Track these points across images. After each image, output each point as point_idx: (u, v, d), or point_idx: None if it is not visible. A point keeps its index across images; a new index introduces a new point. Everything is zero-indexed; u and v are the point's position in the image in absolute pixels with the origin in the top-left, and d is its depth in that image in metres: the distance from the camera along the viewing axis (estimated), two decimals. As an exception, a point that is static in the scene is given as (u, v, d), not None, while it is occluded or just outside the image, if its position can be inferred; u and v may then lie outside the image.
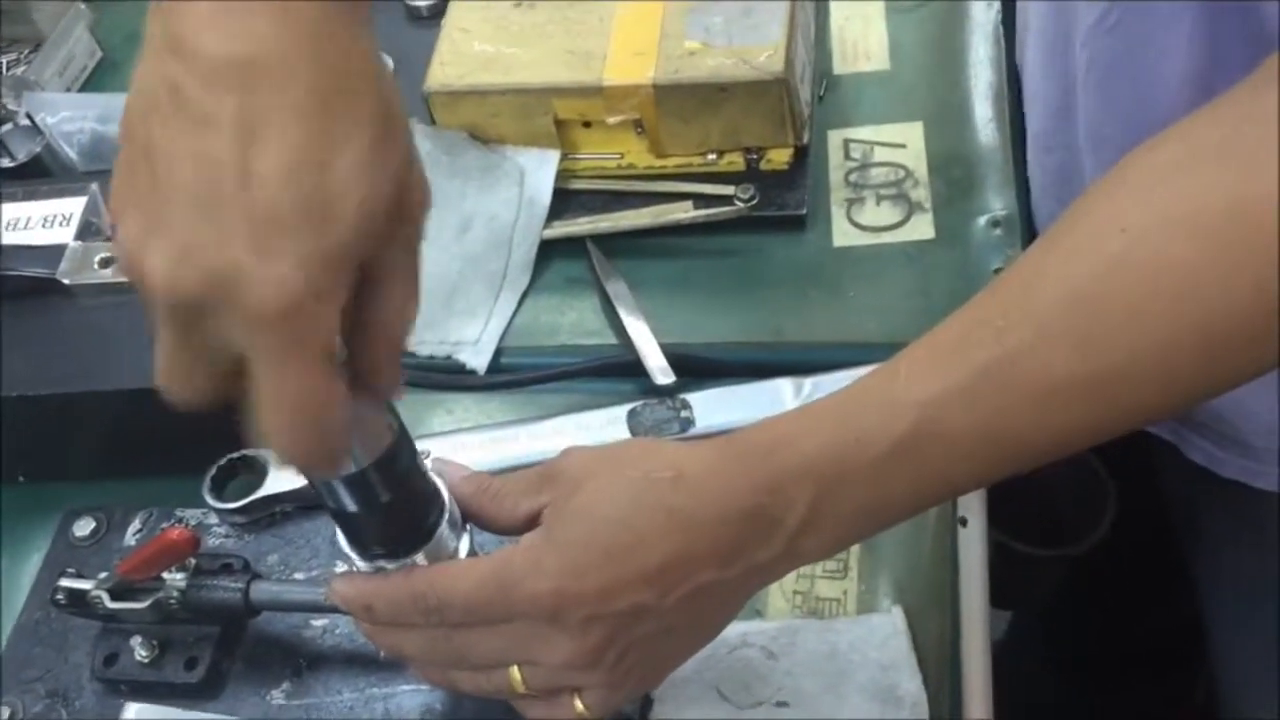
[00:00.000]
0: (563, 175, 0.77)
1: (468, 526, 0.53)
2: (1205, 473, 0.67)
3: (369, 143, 0.38)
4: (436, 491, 0.51)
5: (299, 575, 0.64)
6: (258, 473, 0.66)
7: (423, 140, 0.78)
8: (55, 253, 0.69)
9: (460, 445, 0.67)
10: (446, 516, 0.51)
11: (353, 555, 0.51)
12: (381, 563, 0.50)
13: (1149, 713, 1.10)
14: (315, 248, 0.37)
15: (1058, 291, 0.44)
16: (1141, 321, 0.42)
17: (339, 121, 0.38)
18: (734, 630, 0.58)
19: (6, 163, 0.79)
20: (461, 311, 0.74)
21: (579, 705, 0.49)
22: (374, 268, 0.41)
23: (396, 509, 0.48)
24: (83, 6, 0.95)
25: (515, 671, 0.49)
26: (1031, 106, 0.71)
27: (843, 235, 0.74)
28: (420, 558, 0.51)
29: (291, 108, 0.37)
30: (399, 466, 0.47)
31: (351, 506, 0.48)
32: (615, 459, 0.49)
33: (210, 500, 0.65)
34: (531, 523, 0.50)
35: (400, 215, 0.41)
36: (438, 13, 0.82)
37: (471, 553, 0.53)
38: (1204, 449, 0.68)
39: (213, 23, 0.38)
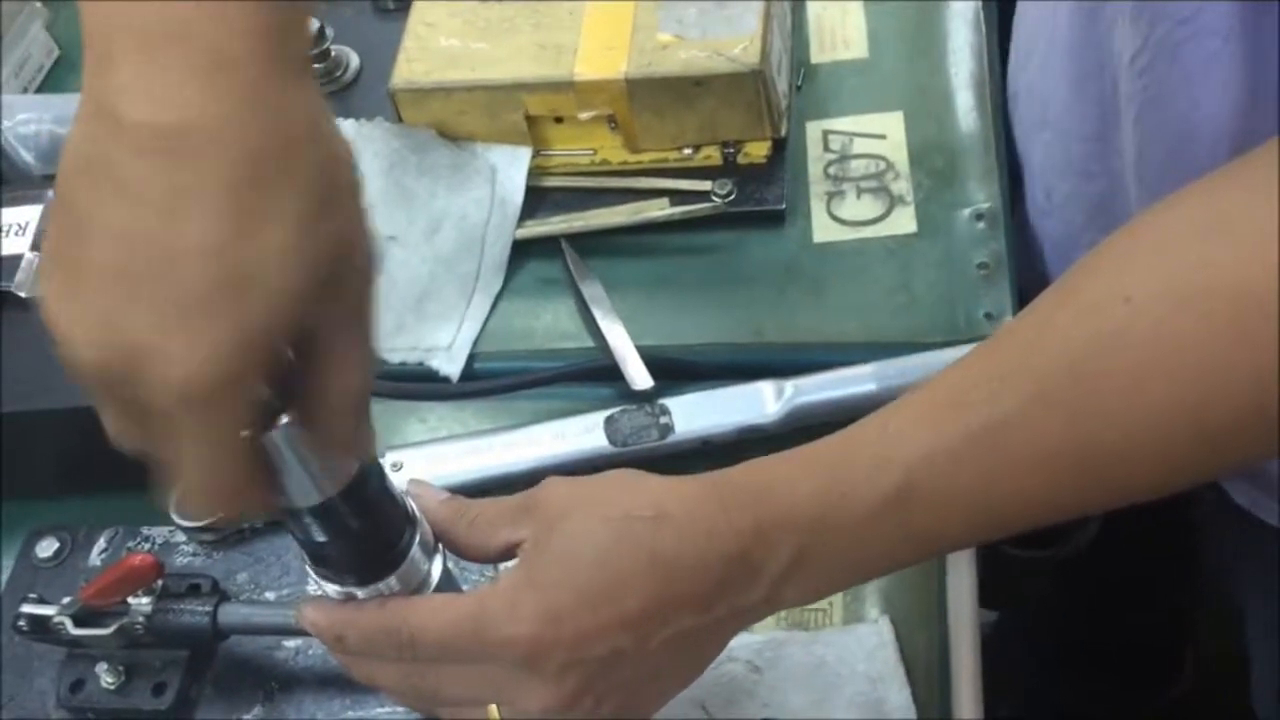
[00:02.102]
0: (535, 173, 0.75)
1: (440, 548, 0.51)
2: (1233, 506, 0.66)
3: (298, 218, 0.37)
4: (407, 514, 0.49)
5: (269, 594, 0.62)
6: (225, 488, 0.64)
7: (390, 139, 0.76)
8: (10, 264, 0.67)
9: (435, 456, 0.65)
10: (418, 539, 0.49)
11: (322, 581, 0.49)
12: (353, 589, 0.49)
13: (1130, 707, 1.10)
14: (230, 330, 0.36)
15: (1056, 360, 0.43)
16: (1137, 400, 0.41)
17: (266, 196, 0.36)
18: (718, 643, 0.57)
19: (-40, 170, 0.76)
20: (433, 316, 0.72)
21: None
22: (317, 338, 0.40)
23: (366, 535, 0.47)
24: (39, 4, 0.92)
25: (493, 710, 0.47)
26: (1059, 128, 0.67)
27: (823, 230, 0.72)
28: (393, 581, 0.49)
29: (218, 182, 0.36)
30: (367, 492, 0.46)
31: (319, 536, 0.46)
32: (596, 495, 0.48)
33: (176, 518, 0.63)
34: (507, 554, 0.48)
35: (341, 283, 0.39)
36: (406, 6, 0.80)
37: (445, 574, 0.51)
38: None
39: (140, 88, 0.36)
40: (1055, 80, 0.66)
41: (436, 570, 0.51)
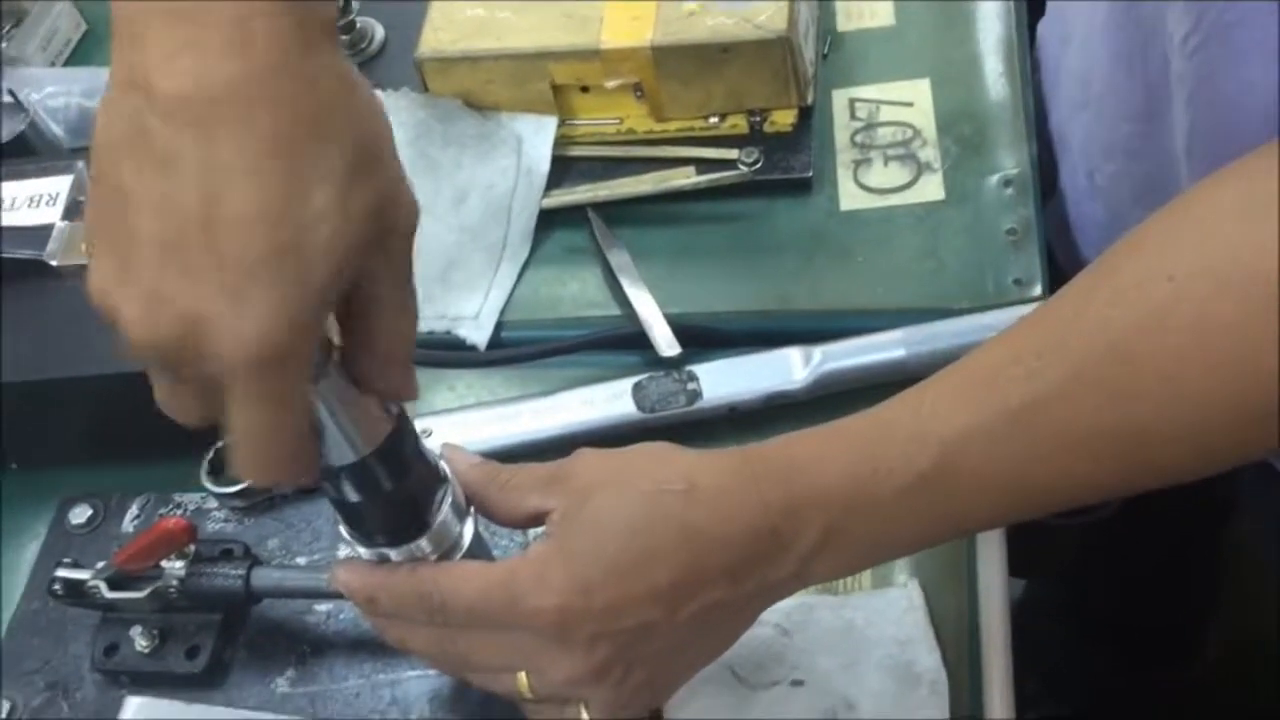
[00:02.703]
0: (561, 142, 0.75)
1: (471, 511, 0.51)
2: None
3: (341, 178, 0.37)
4: (440, 476, 0.50)
5: (301, 559, 0.62)
6: (256, 455, 0.65)
7: (416, 109, 0.76)
8: (42, 233, 0.68)
9: (463, 423, 0.65)
10: (450, 502, 0.50)
11: (355, 543, 0.50)
12: (385, 550, 0.49)
13: (1154, 682, 1.10)
14: (287, 294, 0.36)
15: (1096, 338, 0.43)
16: (1177, 381, 0.41)
17: (307, 160, 0.37)
18: (747, 607, 0.57)
19: (-10, 141, 0.77)
20: (460, 285, 0.72)
21: (585, 717, 0.48)
22: (363, 289, 0.41)
23: (398, 496, 0.47)
24: (66, -22, 0.93)
25: (523, 677, 0.48)
26: (1102, 108, 0.66)
27: (850, 198, 0.72)
28: (424, 542, 0.49)
29: (256, 149, 0.36)
30: (401, 454, 0.46)
31: (353, 496, 0.46)
32: (627, 467, 0.48)
33: (208, 484, 0.64)
34: (536, 520, 0.49)
35: (384, 236, 0.40)
36: (429, -23, 0.79)
37: (476, 537, 0.51)
38: None
39: (168, 58, 0.36)
40: (1097, 60, 0.65)
41: (468, 533, 0.51)
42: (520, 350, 0.69)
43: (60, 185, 0.70)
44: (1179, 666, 1.11)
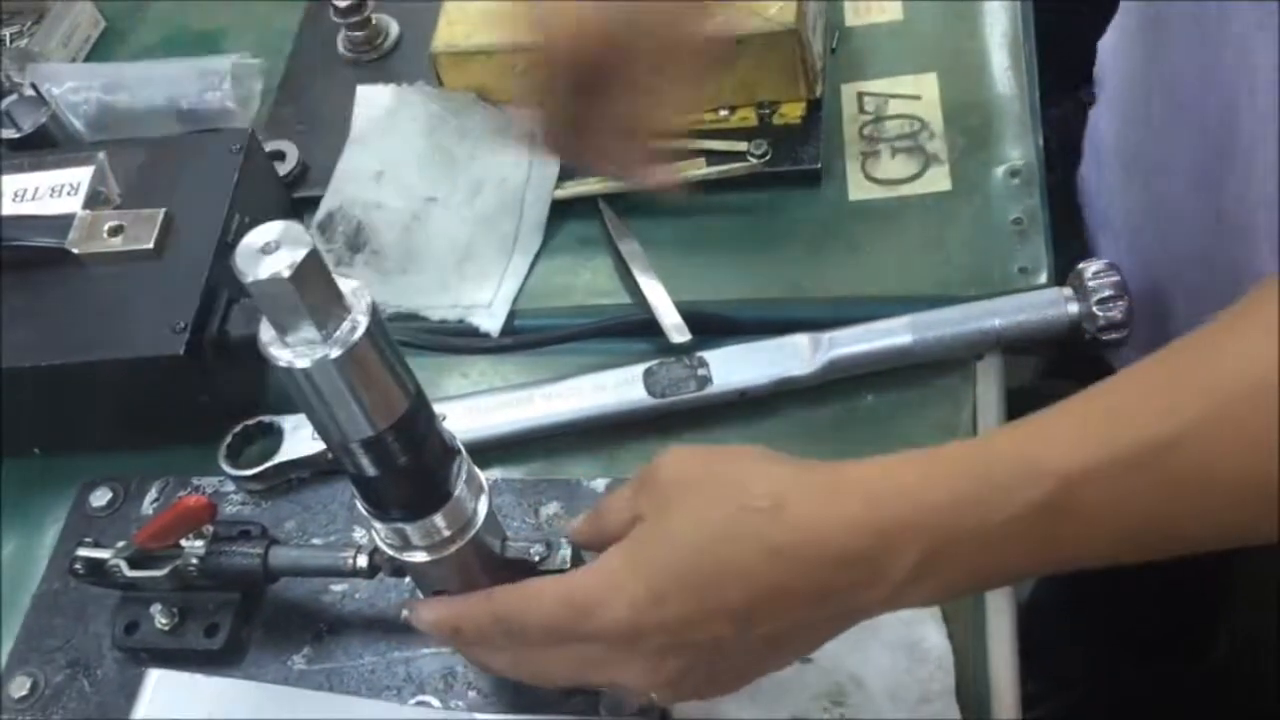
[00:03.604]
0: (573, 135, 0.76)
1: (487, 488, 0.52)
2: None
3: None
4: (454, 452, 0.50)
5: (317, 540, 0.63)
6: (273, 439, 0.66)
7: (430, 103, 0.77)
8: (63, 222, 0.69)
9: (476, 408, 0.66)
10: (465, 478, 0.50)
11: (372, 519, 0.51)
12: (400, 524, 0.50)
13: (1163, 679, 1.09)
14: None
15: (1238, 377, 0.40)
16: None
17: None
18: (756, 588, 0.58)
19: (12, 134, 0.78)
20: (474, 275, 0.73)
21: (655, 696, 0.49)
22: None
23: (414, 471, 0.48)
24: (85, -24, 0.94)
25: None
26: (1178, 135, 0.61)
27: (858, 189, 0.73)
28: (439, 519, 0.50)
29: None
30: (416, 429, 0.47)
31: (370, 470, 0.47)
32: (714, 476, 0.47)
33: (226, 467, 0.65)
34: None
35: None
36: (443, -26, 0.81)
37: (489, 516, 0.52)
38: None
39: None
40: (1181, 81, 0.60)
41: (483, 510, 0.52)
42: (532, 337, 0.70)
43: (81, 176, 0.72)
44: (1186, 664, 1.11)
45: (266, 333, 0.42)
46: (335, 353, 0.42)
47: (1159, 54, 0.62)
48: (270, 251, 0.40)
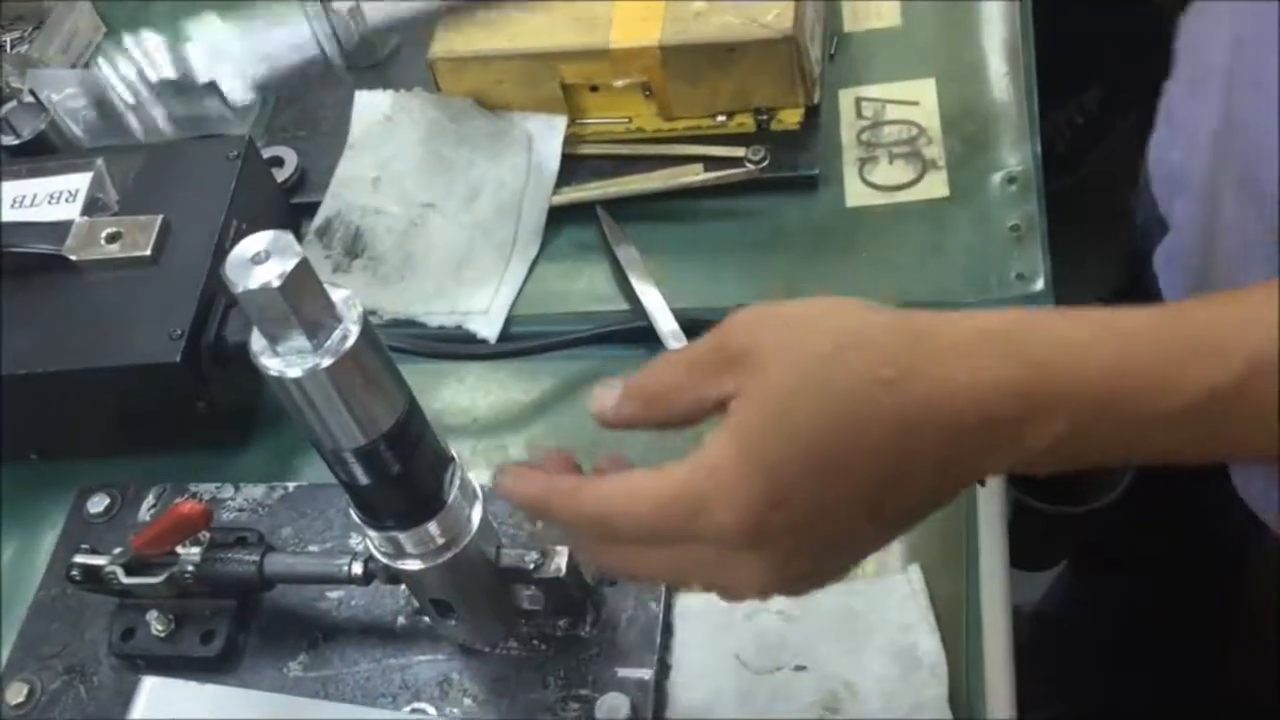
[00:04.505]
0: (570, 140, 0.76)
1: (480, 495, 0.52)
2: None
3: None
4: (448, 460, 0.51)
5: (313, 547, 0.63)
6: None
7: (428, 108, 0.77)
8: (61, 229, 0.69)
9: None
10: (459, 486, 0.51)
11: (365, 526, 0.51)
12: (394, 533, 0.50)
13: (1171, 704, 1.09)
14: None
15: None
16: None
17: None
18: (751, 595, 0.58)
19: (11, 140, 0.78)
20: (471, 281, 0.73)
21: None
22: None
23: (407, 480, 0.48)
24: (86, -18, 0.94)
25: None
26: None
27: (856, 195, 0.73)
28: (433, 526, 0.50)
29: None
30: (409, 437, 0.47)
31: (362, 479, 0.47)
32: (821, 345, 0.40)
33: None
34: (715, 412, 0.42)
35: None
36: (443, -20, 0.81)
37: (484, 521, 0.52)
38: None
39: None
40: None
41: (476, 517, 0.52)
42: (529, 344, 0.70)
43: (80, 182, 0.72)
44: (1191, 686, 1.10)
45: (258, 342, 0.42)
46: (326, 362, 0.42)
47: None
48: (260, 261, 0.40)
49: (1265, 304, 0.38)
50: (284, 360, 0.42)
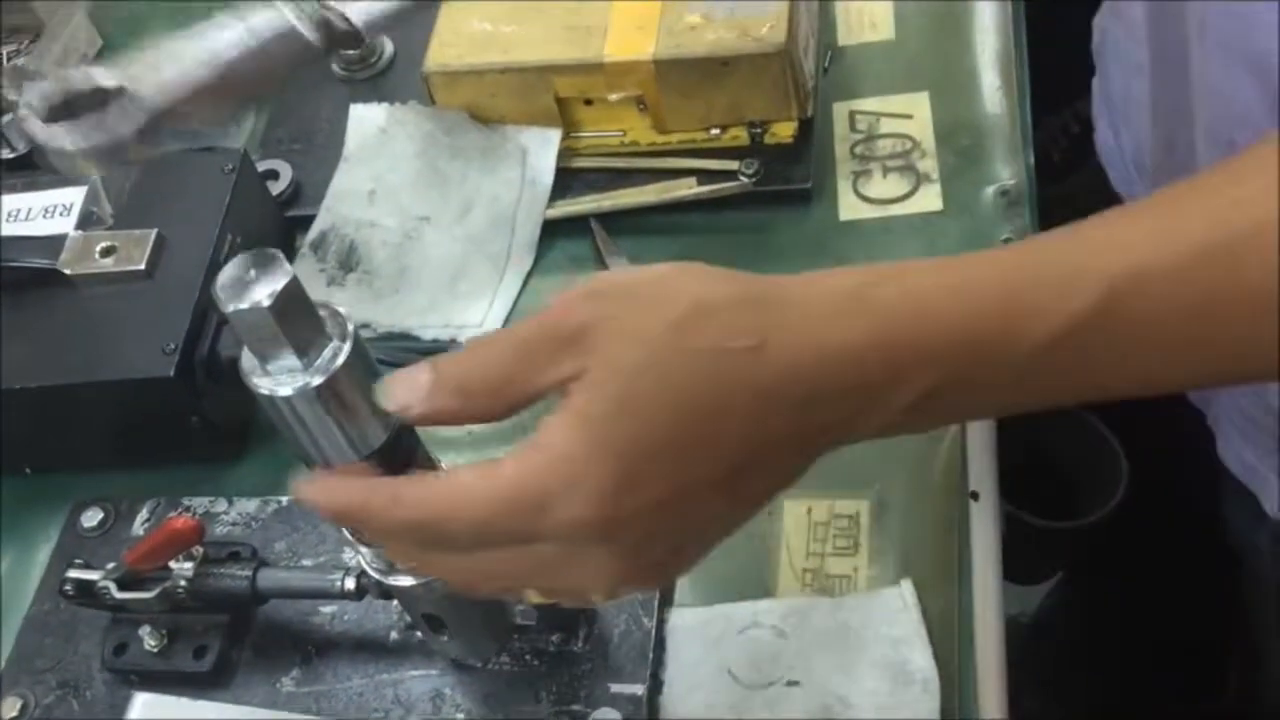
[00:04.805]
0: (565, 154, 0.76)
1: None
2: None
3: None
4: (439, 476, 0.51)
5: (307, 562, 0.63)
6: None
7: (423, 121, 0.77)
8: (56, 243, 0.69)
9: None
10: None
11: (356, 543, 0.51)
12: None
13: (1170, 717, 1.08)
14: None
15: None
16: None
17: None
18: (744, 611, 0.58)
19: (6, 154, 0.78)
20: (465, 294, 0.73)
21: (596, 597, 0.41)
22: None
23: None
24: (82, -5, 0.95)
25: (532, 594, 0.41)
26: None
27: (849, 208, 0.73)
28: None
29: None
30: (399, 455, 0.47)
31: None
32: (667, 314, 0.37)
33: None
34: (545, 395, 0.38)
35: None
36: (437, -7, 0.81)
37: None
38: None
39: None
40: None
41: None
42: (523, 357, 0.69)
43: (74, 197, 0.72)
44: (1190, 701, 1.09)
45: (248, 361, 0.42)
46: (317, 380, 0.42)
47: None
48: (250, 280, 0.40)
49: (1122, 226, 0.37)
50: (274, 379, 0.42)
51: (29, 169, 0.78)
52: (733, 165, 0.73)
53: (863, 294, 0.37)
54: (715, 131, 0.75)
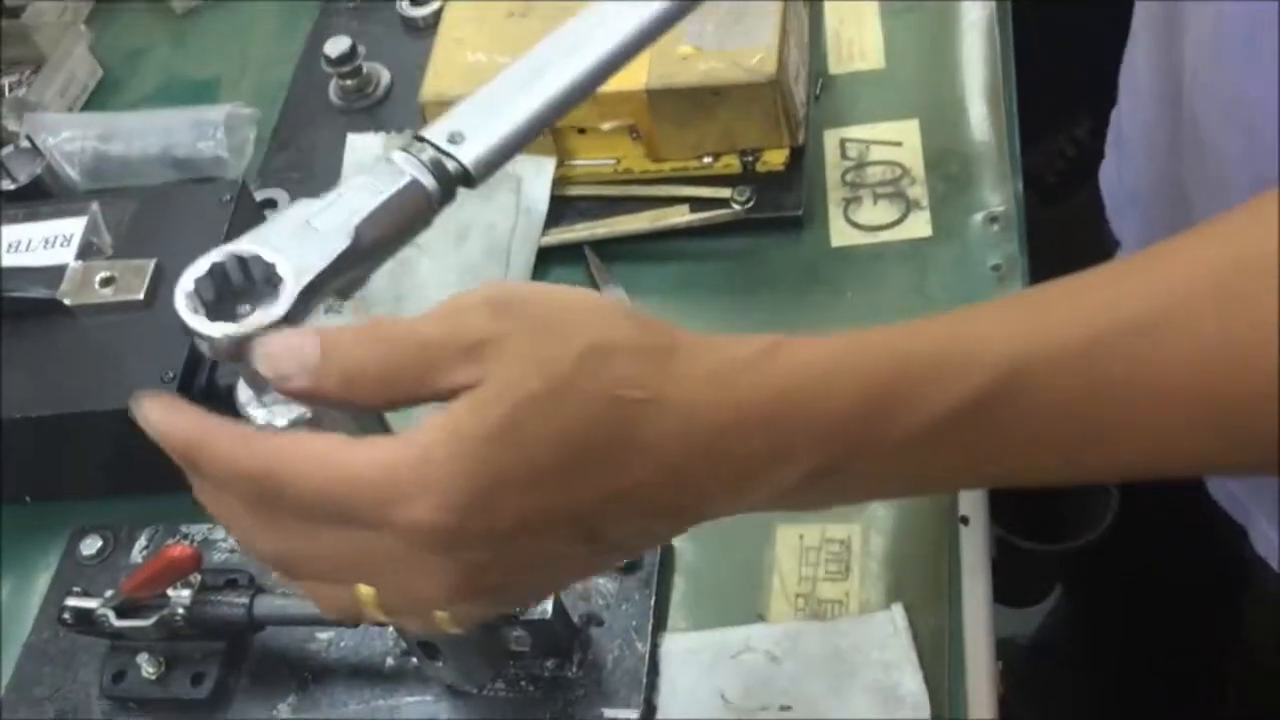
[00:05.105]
0: (559, 182, 0.77)
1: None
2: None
3: None
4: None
5: (303, 589, 0.64)
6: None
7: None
8: (56, 273, 0.70)
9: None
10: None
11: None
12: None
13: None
14: None
15: (1197, 278, 0.35)
16: None
17: None
18: (738, 635, 0.58)
19: (8, 185, 0.79)
20: (461, 321, 0.74)
21: (445, 622, 0.39)
22: None
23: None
24: (83, 27, 0.96)
25: (365, 591, 0.38)
26: None
27: (840, 235, 0.74)
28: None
29: None
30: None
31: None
32: (569, 348, 0.36)
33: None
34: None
35: None
36: (434, 24, 0.82)
37: None
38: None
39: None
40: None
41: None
42: (518, 384, 0.70)
43: (75, 227, 0.73)
44: (1197, 710, 1.09)
45: (244, 392, 0.43)
46: (311, 412, 0.42)
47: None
48: (243, 315, 0.41)
49: (1012, 316, 0.37)
50: (269, 410, 0.43)
51: (29, 200, 0.79)
52: (725, 193, 0.74)
53: (760, 365, 0.37)
54: (708, 159, 0.76)
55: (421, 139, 0.43)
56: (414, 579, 0.37)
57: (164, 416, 0.38)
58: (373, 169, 0.42)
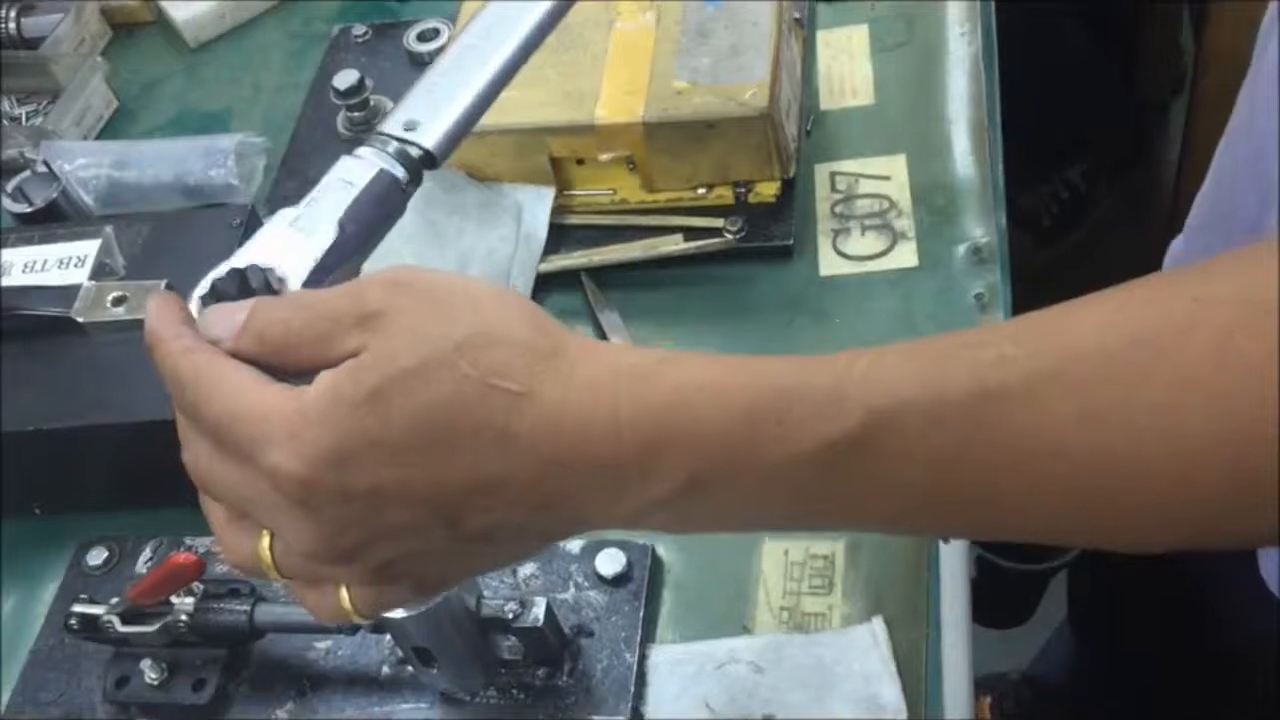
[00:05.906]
0: (558, 211, 0.80)
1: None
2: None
3: None
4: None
5: (303, 599, 0.66)
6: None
7: (424, 179, 0.80)
8: (70, 293, 0.72)
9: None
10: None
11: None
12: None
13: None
14: None
15: (1088, 341, 0.35)
16: (1171, 415, 0.34)
17: None
18: (723, 646, 0.60)
19: (25, 208, 0.82)
20: (461, 344, 0.76)
21: (345, 602, 0.40)
22: None
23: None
24: (99, 59, 0.99)
25: (265, 547, 0.40)
26: None
27: (829, 264, 0.76)
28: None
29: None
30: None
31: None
32: (454, 332, 0.37)
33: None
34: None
35: None
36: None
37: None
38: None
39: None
40: None
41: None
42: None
43: (89, 249, 0.75)
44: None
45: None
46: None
47: None
48: None
49: (892, 362, 0.37)
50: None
51: (45, 222, 0.81)
52: (718, 223, 0.77)
53: (643, 375, 0.38)
54: (702, 190, 0.79)
55: (381, 133, 0.46)
56: (282, 525, 0.39)
57: (155, 306, 0.41)
58: (342, 166, 0.45)
